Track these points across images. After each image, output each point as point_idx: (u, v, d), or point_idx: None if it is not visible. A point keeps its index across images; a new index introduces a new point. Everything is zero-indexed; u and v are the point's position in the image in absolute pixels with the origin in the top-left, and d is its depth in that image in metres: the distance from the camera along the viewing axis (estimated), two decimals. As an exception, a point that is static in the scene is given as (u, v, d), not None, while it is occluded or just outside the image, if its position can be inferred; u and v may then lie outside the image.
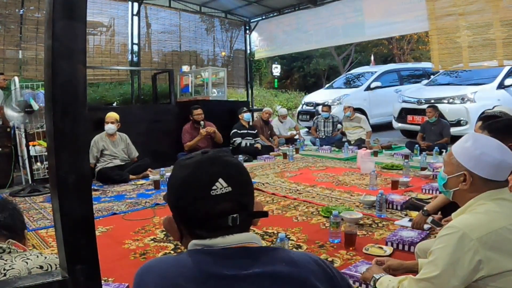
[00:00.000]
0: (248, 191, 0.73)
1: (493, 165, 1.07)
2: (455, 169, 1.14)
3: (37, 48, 5.52)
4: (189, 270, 0.63)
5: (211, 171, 0.69)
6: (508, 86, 6.09)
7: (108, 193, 3.65)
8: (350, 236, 2.13)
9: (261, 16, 8.62)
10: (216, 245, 0.67)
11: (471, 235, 0.97)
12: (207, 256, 0.65)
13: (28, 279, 0.50)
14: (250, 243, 0.69)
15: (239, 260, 0.65)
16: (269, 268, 0.64)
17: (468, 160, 1.10)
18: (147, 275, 0.67)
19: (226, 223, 0.67)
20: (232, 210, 0.68)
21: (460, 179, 1.12)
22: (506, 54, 4.87)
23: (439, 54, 5.53)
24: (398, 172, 4.17)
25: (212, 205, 0.67)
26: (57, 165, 0.48)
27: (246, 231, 0.71)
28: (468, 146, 1.12)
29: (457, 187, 1.14)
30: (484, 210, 1.04)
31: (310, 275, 0.66)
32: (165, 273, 0.65)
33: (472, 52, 5.16)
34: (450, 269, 0.98)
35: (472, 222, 1.02)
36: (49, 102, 0.48)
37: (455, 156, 1.14)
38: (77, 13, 0.48)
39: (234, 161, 0.73)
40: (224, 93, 6.64)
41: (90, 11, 5.98)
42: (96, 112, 4.64)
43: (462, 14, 5.17)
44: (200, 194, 0.67)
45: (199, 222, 0.68)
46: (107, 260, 1.99)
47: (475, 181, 1.09)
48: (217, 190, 0.67)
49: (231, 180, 0.68)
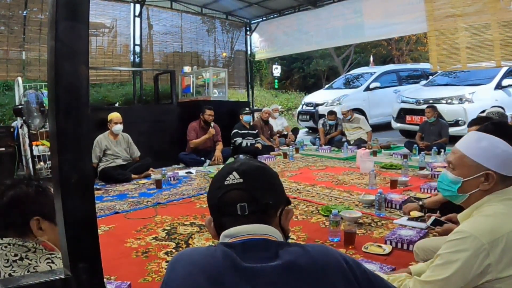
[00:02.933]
0: (264, 187, 0.77)
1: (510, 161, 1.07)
2: (474, 170, 1.09)
3: (40, 49, 5.54)
4: (215, 261, 0.68)
5: (231, 166, 0.79)
6: (505, 86, 6.13)
7: (110, 192, 3.67)
8: (350, 235, 2.14)
9: (262, 17, 8.67)
10: (237, 234, 0.73)
11: (482, 240, 0.96)
12: (230, 249, 0.70)
13: (31, 277, 0.49)
14: (269, 236, 0.73)
15: (258, 253, 0.69)
16: (286, 260, 0.67)
17: (490, 159, 1.07)
18: (178, 262, 0.73)
19: (236, 211, 0.74)
20: (240, 199, 0.74)
21: (480, 179, 1.08)
22: (503, 55, 4.91)
23: (437, 55, 5.58)
24: (397, 171, 4.20)
25: (224, 192, 0.75)
26: (60, 165, 0.47)
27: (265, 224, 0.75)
28: (485, 145, 1.09)
29: (477, 189, 1.09)
30: (493, 213, 1.03)
31: (328, 268, 0.68)
32: (195, 261, 0.70)
33: (470, 53, 5.21)
34: (460, 273, 0.97)
35: (482, 226, 1.00)
36: (52, 103, 0.48)
37: (470, 157, 1.10)
38: (80, 14, 0.47)
39: (256, 163, 0.81)
40: (225, 94, 6.68)
41: (93, 12, 6.00)
42: (99, 112, 4.66)
43: (460, 16, 5.22)
44: (218, 185, 0.77)
45: (216, 209, 0.77)
46: (109, 259, 2.01)
47: (496, 179, 1.07)
48: (229, 180, 0.76)
49: (245, 174, 0.76)
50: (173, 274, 0.71)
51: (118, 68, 6.74)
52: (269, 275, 0.66)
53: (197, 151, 5.07)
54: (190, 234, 2.41)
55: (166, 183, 3.87)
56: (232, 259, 0.67)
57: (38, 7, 5.65)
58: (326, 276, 0.67)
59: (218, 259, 0.68)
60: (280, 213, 0.78)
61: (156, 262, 2.01)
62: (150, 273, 1.89)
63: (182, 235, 2.40)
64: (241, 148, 5.44)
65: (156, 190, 3.67)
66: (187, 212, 2.90)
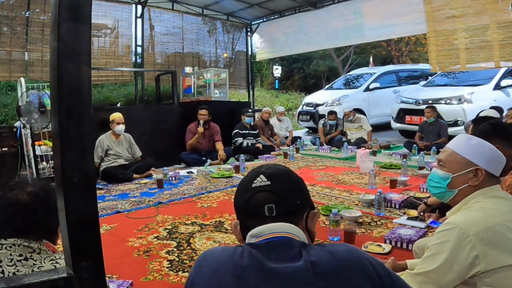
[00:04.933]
0: (290, 188, 0.79)
1: (498, 160, 1.14)
2: (463, 166, 1.14)
3: (43, 49, 5.57)
4: (241, 261, 0.69)
5: (258, 170, 0.81)
6: (504, 87, 6.14)
7: (112, 191, 3.69)
8: (350, 234, 2.15)
9: (262, 18, 8.70)
10: (262, 233, 0.74)
11: (468, 231, 0.99)
12: (255, 249, 0.71)
13: (34, 276, 0.50)
14: (293, 235, 0.73)
15: (282, 252, 0.70)
16: (310, 261, 0.67)
17: (479, 156, 1.12)
18: (205, 261, 0.74)
19: (263, 213, 0.75)
20: (268, 200, 0.75)
21: (469, 175, 1.12)
22: (502, 55, 4.95)
23: (436, 56, 5.61)
24: (396, 171, 4.21)
25: (251, 194, 0.77)
26: (62, 165, 0.48)
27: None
28: (474, 143, 1.15)
29: (465, 184, 1.14)
30: (480, 207, 1.07)
31: (352, 269, 0.68)
32: (221, 260, 0.72)
33: (469, 53, 5.24)
34: (447, 264, 1.00)
35: (469, 218, 1.04)
36: (54, 103, 0.48)
37: (460, 154, 1.15)
38: (82, 15, 0.48)
39: (282, 167, 0.83)
40: (226, 94, 6.71)
41: (95, 13, 6.03)
42: (101, 113, 4.68)
43: (460, 17, 5.25)
44: (245, 188, 0.79)
45: (243, 211, 0.78)
46: (111, 257, 2.01)
47: (484, 176, 1.11)
48: (257, 183, 0.77)
49: (271, 177, 0.78)
50: (199, 272, 0.72)
51: (120, 69, 6.77)
52: (293, 277, 0.66)
53: (197, 151, 5.11)
54: (191, 233, 2.43)
55: (167, 183, 3.89)
56: (258, 259, 0.68)
57: (40, 8, 5.68)
58: (350, 277, 0.67)
59: (244, 259, 0.69)
60: (307, 215, 0.79)
61: (157, 261, 2.02)
62: (152, 272, 1.90)
63: (183, 234, 2.41)
64: (242, 148, 5.47)
65: (157, 190, 3.68)
66: (188, 211, 2.91)
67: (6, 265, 0.87)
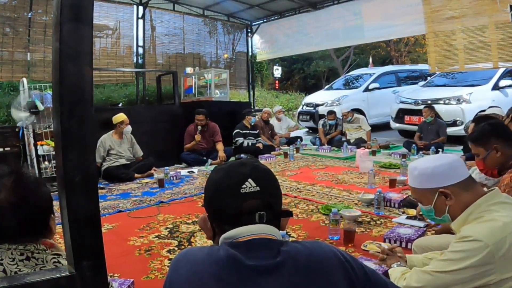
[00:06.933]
0: (276, 193, 0.79)
1: (449, 169, 1.13)
2: (430, 195, 1.16)
3: (45, 50, 5.61)
4: (219, 260, 0.69)
5: (242, 172, 0.76)
6: (502, 87, 6.16)
7: (114, 191, 3.71)
8: (349, 233, 2.16)
9: (263, 19, 8.74)
10: (239, 235, 0.72)
11: (487, 242, 0.98)
12: (234, 248, 0.70)
13: (36, 275, 0.50)
14: (270, 235, 0.73)
15: (261, 252, 0.70)
16: (288, 257, 0.69)
17: (431, 181, 1.14)
18: (181, 262, 0.73)
19: (253, 220, 0.73)
20: (259, 208, 0.74)
21: (441, 198, 1.14)
22: (500, 56, 4.98)
23: (435, 56, 5.65)
24: (395, 171, 4.23)
25: (241, 201, 0.74)
26: (64, 164, 0.48)
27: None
28: (418, 173, 1.17)
29: (446, 207, 1.15)
30: (492, 217, 1.05)
31: (327, 262, 0.70)
32: (199, 261, 0.70)
33: (467, 54, 5.27)
34: (461, 270, 1.00)
35: (486, 230, 1.02)
36: (56, 103, 0.48)
37: (420, 188, 1.18)
38: (84, 16, 0.48)
39: (262, 167, 0.80)
40: (226, 94, 6.74)
41: (97, 14, 6.07)
42: (102, 113, 4.71)
43: (458, 18, 5.29)
44: (232, 192, 0.75)
45: (229, 218, 0.75)
46: (112, 256, 2.03)
47: (453, 191, 1.12)
48: (246, 189, 0.74)
49: (260, 181, 0.75)
50: (176, 274, 0.71)
51: (122, 69, 6.80)
52: (272, 273, 0.67)
53: (198, 151, 5.14)
54: (192, 232, 2.45)
55: (168, 182, 3.92)
56: (236, 257, 0.68)
57: (42, 9, 5.71)
58: (326, 270, 0.69)
59: (222, 258, 0.69)
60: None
61: (158, 260, 2.05)
62: (153, 270, 1.93)
63: (184, 233, 2.44)
64: (243, 148, 5.50)
65: (158, 189, 3.71)
66: (189, 210, 2.94)
67: (7, 264, 0.84)
